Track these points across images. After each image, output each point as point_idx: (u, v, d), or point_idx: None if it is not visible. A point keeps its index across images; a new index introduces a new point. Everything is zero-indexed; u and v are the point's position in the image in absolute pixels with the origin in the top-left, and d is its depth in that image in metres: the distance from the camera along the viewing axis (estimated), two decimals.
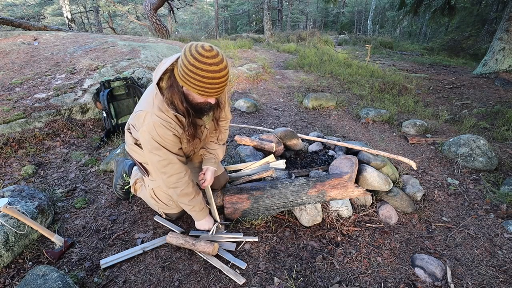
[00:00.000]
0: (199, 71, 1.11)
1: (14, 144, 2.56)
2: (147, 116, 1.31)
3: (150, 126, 1.29)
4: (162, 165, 1.39)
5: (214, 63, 1.11)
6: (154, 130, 1.29)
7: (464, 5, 10.97)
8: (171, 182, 1.44)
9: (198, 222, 1.67)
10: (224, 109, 1.61)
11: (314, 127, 3.59)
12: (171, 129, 1.32)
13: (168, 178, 1.43)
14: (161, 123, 1.29)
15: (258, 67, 5.89)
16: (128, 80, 3.17)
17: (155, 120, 1.29)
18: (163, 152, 1.36)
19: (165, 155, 1.37)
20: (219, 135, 1.74)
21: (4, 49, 4.63)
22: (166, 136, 1.32)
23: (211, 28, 22.14)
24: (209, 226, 1.68)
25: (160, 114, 1.29)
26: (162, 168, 1.40)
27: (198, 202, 1.58)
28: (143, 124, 1.32)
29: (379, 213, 2.00)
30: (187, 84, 1.17)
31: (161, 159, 1.37)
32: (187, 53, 1.12)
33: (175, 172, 1.42)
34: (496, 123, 3.80)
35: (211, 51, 1.11)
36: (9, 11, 17.12)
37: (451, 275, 1.58)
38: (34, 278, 1.25)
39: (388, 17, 23.60)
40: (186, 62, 1.12)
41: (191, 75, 1.12)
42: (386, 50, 11.87)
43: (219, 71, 1.13)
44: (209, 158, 1.70)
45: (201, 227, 1.69)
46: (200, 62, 1.10)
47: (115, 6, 14.64)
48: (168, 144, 1.35)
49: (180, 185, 1.46)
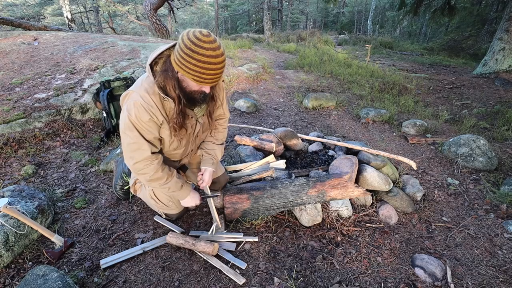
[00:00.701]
0: (196, 55, 1.09)
1: (14, 144, 2.56)
2: (131, 94, 1.29)
3: (130, 104, 1.28)
4: (131, 149, 1.34)
5: (211, 48, 1.09)
6: (132, 109, 1.27)
7: (464, 5, 10.96)
8: (138, 169, 1.39)
9: (183, 200, 1.63)
10: (222, 106, 1.60)
11: (314, 127, 3.59)
12: (149, 112, 1.28)
13: (135, 164, 1.37)
14: (141, 103, 1.26)
15: (258, 67, 5.89)
16: (128, 80, 3.16)
17: (136, 100, 1.26)
18: (135, 134, 1.31)
19: (136, 138, 1.32)
20: (216, 134, 1.73)
21: (4, 49, 4.63)
22: (141, 118, 1.28)
23: (211, 28, 22.14)
24: (196, 201, 1.64)
25: (144, 95, 1.27)
26: (131, 152, 1.35)
27: (173, 182, 1.51)
28: (125, 103, 1.30)
29: (379, 213, 2.00)
30: (182, 68, 1.15)
31: (131, 142, 1.32)
32: (185, 37, 1.11)
33: (142, 158, 1.36)
34: (496, 123, 3.80)
35: (208, 36, 1.10)
36: (9, 11, 17.13)
37: (451, 275, 1.58)
38: (34, 278, 1.25)
39: (388, 17, 23.59)
40: (182, 45, 1.11)
41: (187, 59, 1.11)
42: (386, 50, 11.87)
43: (216, 57, 1.11)
44: (207, 159, 1.69)
45: (188, 204, 1.65)
46: (197, 46, 1.08)
47: (115, 6, 14.64)
48: (142, 127, 1.31)
49: (148, 171, 1.40)
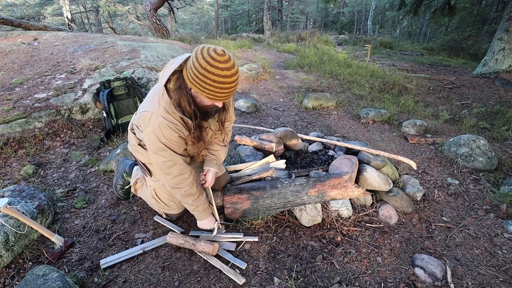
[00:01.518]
0: (210, 75, 1.11)
1: (14, 144, 2.56)
2: (152, 117, 1.29)
3: (155, 127, 1.29)
4: (167, 166, 1.38)
5: (226, 67, 1.11)
6: (160, 132, 1.29)
7: (464, 5, 10.96)
8: (175, 183, 1.44)
9: (200, 221, 1.67)
10: (228, 110, 1.61)
11: (314, 127, 3.59)
12: (176, 130, 1.31)
13: (172, 179, 1.42)
14: (167, 124, 1.28)
15: (258, 67, 5.89)
16: (128, 80, 3.17)
17: (161, 122, 1.28)
18: (169, 153, 1.35)
19: (170, 156, 1.36)
20: (222, 136, 1.74)
21: (4, 49, 4.63)
22: (171, 138, 1.31)
23: (211, 28, 22.14)
24: (211, 225, 1.67)
25: (166, 115, 1.29)
26: (167, 169, 1.39)
27: (202, 202, 1.57)
28: (148, 125, 1.31)
29: (379, 213, 2.00)
30: (196, 87, 1.17)
31: (166, 160, 1.36)
32: (199, 55, 1.11)
33: (180, 173, 1.41)
34: (496, 123, 3.80)
35: (223, 56, 1.11)
36: (9, 11, 17.13)
37: (451, 275, 1.58)
38: (34, 278, 1.25)
39: (388, 17, 23.59)
40: (197, 64, 1.11)
41: (202, 78, 1.12)
42: (386, 50, 11.87)
43: (230, 76, 1.13)
44: (211, 159, 1.70)
45: (204, 227, 1.68)
46: (212, 66, 1.09)
47: (115, 6, 14.64)
48: (174, 145, 1.35)
49: (184, 185, 1.45)
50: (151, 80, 3.83)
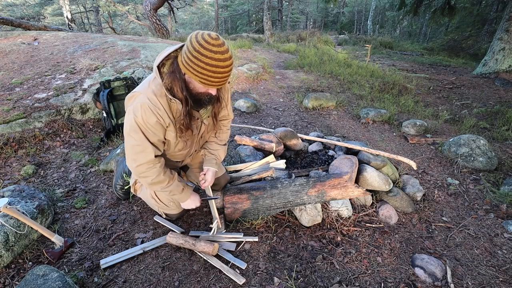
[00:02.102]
0: (204, 58, 1.09)
1: (14, 144, 2.56)
2: (138, 97, 1.28)
3: (136, 106, 1.26)
4: (135, 151, 1.34)
5: (219, 51, 1.10)
6: (139, 111, 1.26)
7: (464, 5, 10.96)
8: (140, 171, 1.38)
9: (184, 203, 1.64)
10: (226, 107, 1.60)
11: (314, 127, 3.59)
12: (157, 115, 1.28)
13: (137, 167, 1.37)
14: (148, 105, 1.25)
15: (258, 67, 5.89)
16: (128, 80, 3.16)
17: (144, 101, 1.25)
18: (140, 136, 1.31)
19: (140, 141, 1.32)
20: (220, 134, 1.74)
21: (4, 49, 4.63)
22: (148, 121, 1.28)
23: (211, 28, 22.14)
24: (197, 203, 1.64)
25: (152, 97, 1.27)
26: (134, 154, 1.34)
27: (175, 186, 1.51)
28: (131, 104, 1.29)
29: (379, 213, 2.00)
30: (189, 71, 1.16)
31: (135, 144, 1.32)
32: (193, 39, 1.11)
33: (146, 161, 1.36)
34: (496, 123, 3.80)
35: (217, 40, 1.10)
36: (9, 11, 17.13)
37: (451, 275, 1.58)
38: (34, 278, 1.25)
39: (388, 17, 23.60)
40: (191, 48, 1.11)
41: (195, 62, 1.11)
42: (386, 50, 11.88)
43: (224, 60, 1.11)
44: (210, 159, 1.69)
45: (189, 207, 1.65)
46: (206, 49, 1.09)
47: (115, 6, 14.64)
48: (148, 130, 1.31)
49: (150, 174, 1.40)
50: None
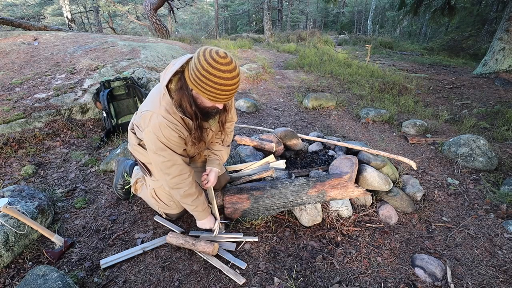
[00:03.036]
0: (212, 77, 1.11)
1: (14, 144, 2.56)
2: (153, 116, 1.30)
3: (156, 127, 1.29)
4: (166, 166, 1.38)
5: (227, 70, 1.12)
6: (160, 131, 1.29)
7: (464, 5, 10.95)
8: (174, 183, 1.43)
9: (200, 221, 1.67)
10: (230, 111, 1.61)
11: (314, 127, 3.59)
12: (177, 131, 1.32)
13: (171, 179, 1.42)
14: (167, 124, 1.29)
15: (258, 67, 5.89)
16: (128, 80, 3.17)
17: (161, 121, 1.28)
18: (168, 153, 1.35)
19: (169, 156, 1.36)
20: (224, 137, 1.74)
21: (4, 49, 4.63)
22: (171, 138, 1.32)
23: (211, 28, 22.13)
24: (211, 225, 1.67)
25: (167, 115, 1.29)
26: (166, 169, 1.39)
27: (201, 202, 1.57)
28: (149, 125, 1.31)
29: (379, 213, 2.00)
30: (197, 88, 1.18)
31: (165, 160, 1.37)
32: (201, 57, 1.12)
33: (179, 173, 1.41)
34: (496, 123, 3.80)
35: (225, 58, 1.12)
36: (9, 11, 17.13)
37: (451, 275, 1.58)
38: (34, 278, 1.25)
39: (388, 17, 23.59)
40: (199, 66, 1.12)
41: (203, 80, 1.13)
42: (386, 50, 11.87)
43: (232, 79, 1.14)
44: (213, 160, 1.70)
45: (203, 226, 1.68)
46: (214, 68, 1.10)
47: (115, 6, 14.63)
48: (173, 145, 1.35)
49: (183, 186, 1.45)
50: (151, 80, 3.83)
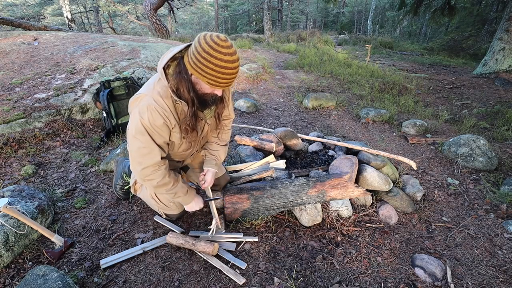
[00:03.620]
0: (213, 59, 1.10)
1: (14, 144, 2.56)
2: (144, 98, 1.28)
3: (142, 108, 1.26)
4: (141, 154, 1.33)
5: (228, 53, 1.11)
6: (145, 113, 1.26)
7: (464, 5, 10.96)
8: (145, 174, 1.38)
9: (187, 205, 1.64)
10: (227, 107, 1.60)
11: (314, 127, 3.59)
12: (164, 116, 1.28)
13: (142, 170, 1.36)
14: (155, 107, 1.25)
15: (258, 67, 5.89)
16: (128, 80, 3.17)
17: (150, 103, 1.25)
18: (146, 138, 1.30)
19: (147, 143, 1.31)
20: (221, 134, 1.74)
21: (4, 49, 4.63)
22: (155, 123, 1.28)
23: (211, 28, 22.14)
24: (200, 205, 1.65)
25: (158, 98, 1.26)
26: (140, 157, 1.34)
27: (179, 187, 1.52)
28: (137, 106, 1.29)
29: (379, 213, 2.00)
30: (198, 71, 1.16)
31: (142, 146, 1.32)
32: (202, 40, 1.11)
33: (152, 163, 1.36)
34: (496, 123, 3.80)
35: (226, 41, 1.11)
36: (9, 11, 17.13)
37: (451, 275, 1.58)
38: (34, 278, 1.25)
39: (388, 17, 23.59)
40: (200, 49, 1.11)
41: (204, 63, 1.12)
42: (386, 50, 11.87)
43: (232, 62, 1.13)
44: (210, 160, 1.69)
45: (192, 209, 1.66)
46: (215, 51, 1.09)
47: (115, 6, 14.64)
48: (155, 131, 1.30)
49: (156, 177, 1.40)
50: None
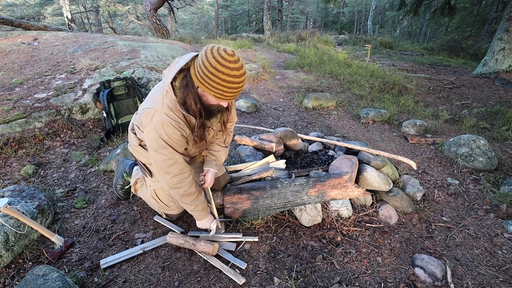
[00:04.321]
0: (220, 74, 1.12)
1: (14, 144, 2.56)
2: (155, 114, 1.29)
3: (158, 125, 1.28)
4: (167, 165, 1.38)
5: (235, 68, 1.12)
6: (162, 129, 1.28)
7: (464, 5, 10.95)
8: (174, 183, 1.43)
9: (200, 221, 1.67)
10: (231, 111, 1.61)
11: (314, 127, 3.59)
12: (179, 129, 1.31)
13: (171, 179, 1.41)
14: (170, 122, 1.28)
15: (258, 67, 5.89)
16: (128, 80, 3.17)
17: (164, 119, 1.27)
18: (169, 151, 1.35)
19: (170, 155, 1.36)
20: (223, 136, 1.74)
21: (4, 49, 4.63)
22: (173, 136, 1.31)
23: (211, 28, 22.13)
24: (210, 224, 1.67)
25: (170, 113, 1.29)
26: (167, 168, 1.38)
27: (201, 201, 1.57)
28: (151, 123, 1.30)
29: (379, 213, 2.00)
30: (204, 85, 1.17)
31: (166, 159, 1.36)
32: (209, 55, 1.12)
33: (179, 172, 1.41)
34: (496, 123, 3.80)
35: (233, 56, 1.12)
36: (9, 11, 17.13)
37: (451, 275, 1.58)
38: (34, 278, 1.25)
39: (388, 17, 23.58)
40: (207, 63, 1.12)
41: (211, 77, 1.13)
42: (386, 50, 11.87)
43: (239, 76, 1.14)
44: (211, 160, 1.70)
45: (203, 226, 1.68)
46: (223, 66, 1.11)
47: (115, 6, 14.63)
48: (175, 143, 1.35)
49: (184, 185, 1.45)
50: (151, 80, 3.83)
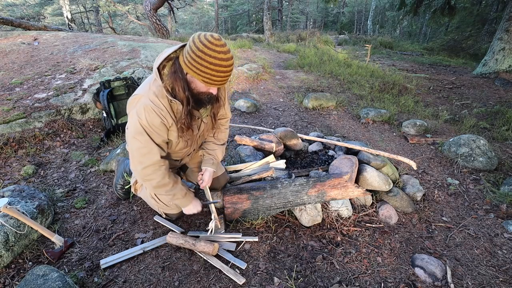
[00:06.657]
0: (208, 57, 1.13)
1: (14, 144, 2.56)
2: (140, 99, 1.30)
3: (140, 109, 1.28)
4: (141, 153, 1.35)
5: (222, 51, 1.13)
6: (143, 113, 1.28)
7: (464, 5, 10.96)
8: (145, 174, 1.40)
9: (186, 208, 1.65)
10: (223, 106, 1.60)
11: (314, 127, 3.59)
12: (160, 116, 1.30)
13: (143, 170, 1.38)
14: (152, 107, 1.27)
15: (258, 67, 5.89)
16: (128, 80, 3.16)
17: (147, 104, 1.27)
18: (145, 139, 1.33)
19: (146, 143, 1.34)
20: (218, 133, 1.74)
21: (4, 49, 4.63)
22: (153, 122, 1.30)
23: (211, 28, 22.14)
24: (198, 208, 1.66)
25: (154, 99, 1.28)
26: (140, 157, 1.36)
27: (178, 189, 1.54)
28: (135, 107, 1.31)
29: (379, 213, 2.00)
30: (193, 70, 1.18)
31: (141, 146, 1.34)
32: (196, 40, 1.14)
33: (152, 163, 1.38)
34: (496, 123, 3.80)
35: (220, 40, 1.14)
36: (9, 11, 17.13)
37: (451, 275, 1.58)
38: (34, 278, 1.25)
39: (388, 17, 23.59)
40: (194, 48, 1.13)
41: (199, 61, 1.14)
42: (386, 50, 11.87)
43: (226, 60, 1.15)
44: (208, 159, 1.70)
45: (190, 212, 1.67)
46: (209, 49, 1.12)
47: (115, 6, 14.63)
48: (153, 131, 1.33)
49: (156, 177, 1.42)
50: None
